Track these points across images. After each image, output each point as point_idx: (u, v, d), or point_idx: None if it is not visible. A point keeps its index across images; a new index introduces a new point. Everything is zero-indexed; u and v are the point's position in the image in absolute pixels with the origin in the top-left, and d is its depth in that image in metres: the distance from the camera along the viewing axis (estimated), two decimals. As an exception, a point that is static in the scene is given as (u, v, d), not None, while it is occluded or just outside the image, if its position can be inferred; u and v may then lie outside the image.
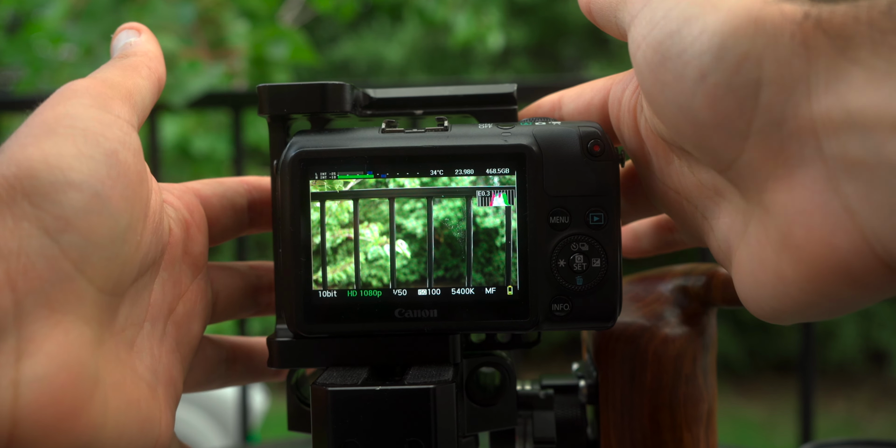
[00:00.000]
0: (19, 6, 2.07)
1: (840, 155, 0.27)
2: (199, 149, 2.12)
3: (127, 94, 0.35)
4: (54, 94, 0.34)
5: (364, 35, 4.56)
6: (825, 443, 0.53)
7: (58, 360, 0.30)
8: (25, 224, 0.30)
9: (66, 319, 0.30)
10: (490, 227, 0.37)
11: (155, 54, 0.39)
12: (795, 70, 0.28)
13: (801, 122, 0.28)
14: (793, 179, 0.29)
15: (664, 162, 0.37)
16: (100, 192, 0.31)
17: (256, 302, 0.44)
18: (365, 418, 0.35)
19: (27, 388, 0.29)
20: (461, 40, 2.60)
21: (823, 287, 0.29)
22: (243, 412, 1.44)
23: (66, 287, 0.30)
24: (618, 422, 0.42)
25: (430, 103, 0.42)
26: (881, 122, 0.26)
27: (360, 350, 0.38)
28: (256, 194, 0.43)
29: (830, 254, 0.28)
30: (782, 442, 3.14)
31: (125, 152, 0.33)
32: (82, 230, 0.31)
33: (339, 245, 0.37)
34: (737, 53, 0.29)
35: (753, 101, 0.29)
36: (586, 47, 4.56)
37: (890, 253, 0.27)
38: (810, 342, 1.30)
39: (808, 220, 0.29)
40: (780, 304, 0.31)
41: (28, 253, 0.30)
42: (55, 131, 0.32)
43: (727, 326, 3.58)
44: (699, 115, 0.31)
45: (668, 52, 0.31)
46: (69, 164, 0.31)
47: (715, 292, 0.43)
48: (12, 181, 0.30)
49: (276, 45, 1.95)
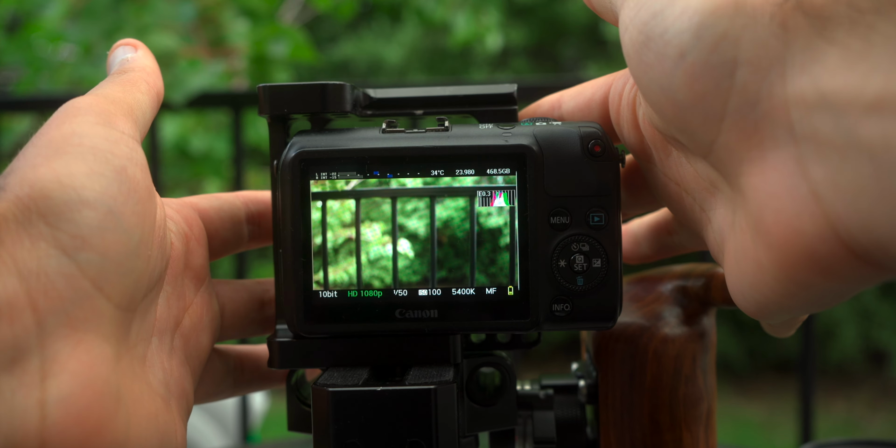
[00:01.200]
0: (19, 6, 2.07)
1: (811, 136, 0.27)
2: (197, 148, 2.12)
3: (128, 109, 0.36)
4: (57, 113, 0.34)
5: (363, 35, 4.56)
6: (825, 443, 0.53)
7: (82, 379, 0.30)
8: (42, 244, 0.30)
9: (87, 338, 0.30)
10: (493, 228, 0.37)
11: (152, 69, 0.39)
12: (772, 51, 0.28)
13: (775, 102, 0.28)
14: (765, 162, 0.29)
15: (663, 154, 0.37)
16: (113, 209, 0.32)
17: (263, 315, 0.44)
18: (366, 419, 0.35)
19: (53, 407, 0.29)
20: (460, 41, 2.60)
21: (794, 274, 0.29)
22: (243, 412, 1.44)
23: (86, 305, 0.31)
24: (617, 421, 0.42)
25: (431, 103, 0.42)
26: (854, 102, 0.26)
27: (361, 350, 0.38)
28: (254, 207, 0.43)
29: (797, 239, 0.28)
30: (782, 442, 3.14)
31: (133, 168, 0.33)
32: (98, 248, 0.31)
33: (340, 245, 0.37)
34: (715, 32, 0.29)
35: (729, 81, 0.29)
36: (585, 48, 4.56)
37: (855, 239, 0.27)
38: (810, 342, 1.30)
39: (776, 203, 0.29)
40: (761, 296, 0.31)
41: (47, 272, 0.30)
42: (64, 150, 0.32)
43: (727, 326, 3.58)
44: (678, 94, 0.31)
45: (651, 31, 0.31)
46: (81, 183, 0.31)
47: (714, 292, 0.43)
48: (26, 202, 0.30)
49: (276, 43, 1.95)
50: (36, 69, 1.99)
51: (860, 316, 3.63)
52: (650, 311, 0.43)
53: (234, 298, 0.43)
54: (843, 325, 3.61)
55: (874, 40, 0.26)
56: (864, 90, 0.26)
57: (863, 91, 0.26)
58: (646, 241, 0.46)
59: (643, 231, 0.46)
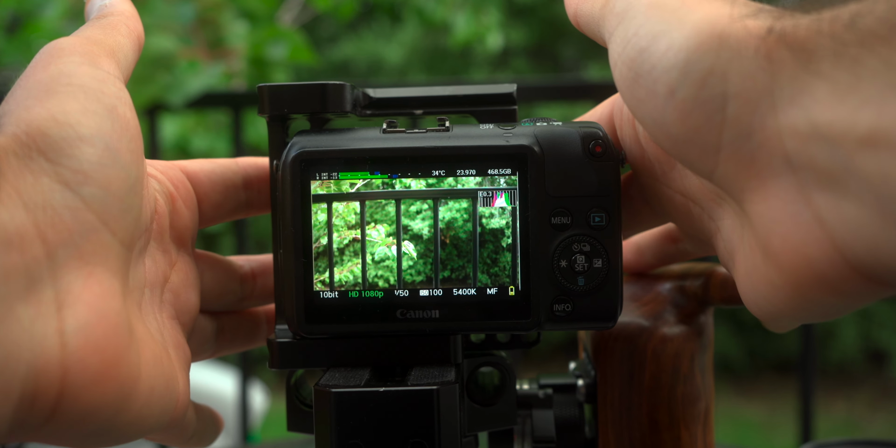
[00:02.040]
0: (19, 6, 2.07)
1: (809, 166, 0.27)
2: (198, 148, 2.12)
3: (110, 51, 0.36)
4: (41, 54, 0.34)
5: (363, 35, 4.56)
6: (825, 443, 0.53)
7: (97, 310, 0.30)
8: (45, 179, 0.30)
9: (97, 270, 0.31)
10: (496, 228, 0.37)
11: (131, 13, 0.39)
12: (760, 83, 0.28)
13: (769, 133, 0.28)
14: (766, 190, 0.29)
15: (667, 167, 0.37)
16: (109, 145, 0.32)
17: (242, 287, 0.44)
18: (368, 419, 0.35)
19: (72, 336, 0.29)
20: (460, 41, 2.60)
21: (805, 294, 0.29)
22: (243, 412, 1.44)
23: (94, 238, 0.31)
24: (616, 420, 0.42)
25: (430, 103, 0.42)
26: (847, 136, 0.26)
27: (361, 351, 0.38)
28: (253, 172, 0.43)
29: (805, 263, 0.28)
30: (782, 442, 3.14)
31: (123, 107, 0.34)
32: (100, 182, 0.31)
33: (345, 246, 0.37)
34: (702, 68, 0.29)
35: (721, 115, 0.29)
36: (585, 48, 4.56)
37: (863, 263, 0.27)
38: (810, 342, 1.30)
39: (782, 229, 0.29)
40: (775, 308, 0.31)
41: (53, 206, 0.30)
42: (55, 90, 0.32)
43: (727, 326, 3.58)
44: (672, 129, 0.31)
45: (639, 68, 0.31)
46: (77, 120, 0.31)
47: (713, 292, 0.43)
48: (24, 139, 0.31)
49: (275, 46, 1.95)
50: (36, 69, 1.99)
51: (860, 316, 3.63)
52: (649, 311, 0.43)
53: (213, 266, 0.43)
54: (843, 325, 3.61)
55: (861, 74, 0.26)
56: (855, 124, 0.26)
57: (855, 125, 0.26)
58: (649, 251, 0.46)
59: (646, 240, 0.46)
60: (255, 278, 0.44)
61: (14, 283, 0.28)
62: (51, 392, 0.29)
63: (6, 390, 0.28)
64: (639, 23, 0.31)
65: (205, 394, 2.13)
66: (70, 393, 0.29)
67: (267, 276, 0.44)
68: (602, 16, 0.34)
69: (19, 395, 0.28)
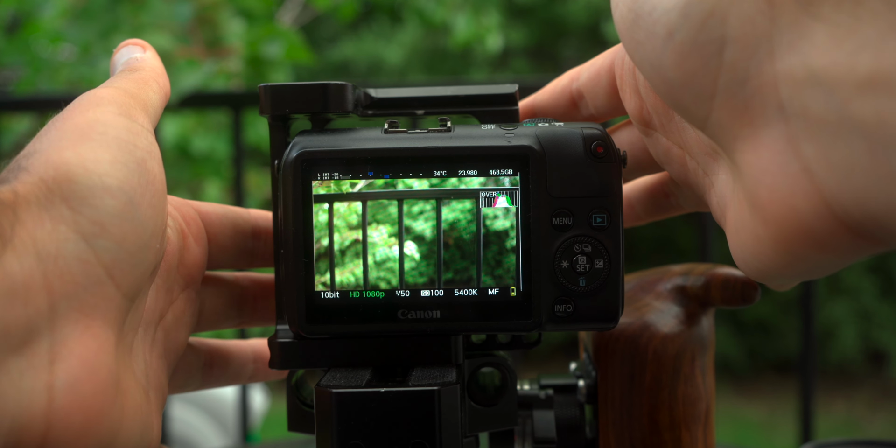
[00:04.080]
0: (19, 6, 2.07)
1: (801, 114, 0.27)
2: (198, 149, 2.12)
3: (144, 105, 0.36)
4: (79, 101, 0.34)
5: (363, 36, 4.56)
6: (825, 443, 0.53)
7: (89, 366, 0.30)
8: (63, 227, 0.30)
9: (94, 324, 0.31)
10: (500, 230, 0.37)
11: (161, 71, 0.39)
12: (759, 28, 0.28)
13: (765, 80, 0.28)
14: (757, 139, 0.29)
15: (665, 118, 0.37)
16: (132, 199, 0.32)
17: (240, 313, 0.44)
18: (370, 420, 0.35)
19: (60, 392, 0.29)
20: (460, 41, 2.60)
21: (791, 248, 0.29)
22: (243, 412, 1.44)
23: (98, 291, 0.31)
24: (617, 421, 0.42)
25: (432, 103, 0.42)
26: (845, 79, 0.26)
27: (362, 351, 0.38)
28: (262, 224, 0.43)
29: (792, 216, 0.28)
30: (782, 442, 3.14)
31: (152, 162, 0.34)
32: (115, 236, 0.31)
33: (346, 247, 0.37)
34: (702, 10, 0.29)
35: (718, 59, 0.29)
36: (585, 48, 4.56)
37: (850, 215, 0.27)
38: (810, 342, 1.30)
39: (770, 180, 0.29)
40: (762, 264, 0.31)
41: (65, 256, 0.30)
42: (89, 137, 0.32)
43: (727, 327, 3.58)
44: (668, 73, 0.31)
45: (640, 9, 0.31)
46: (105, 170, 0.31)
47: (713, 292, 0.43)
48: (50, 184, 0.31)
49: (272, 44, 1.95)
50: (35, 69, 1.99)
51: (860, 316, 3.63)
52: (650, 312, 0.43)
53: (214, 294, 0.43)
54: (843, 325, 3.62)
55: (861, 16, 0.26)
56: (854, 67, 0.26)
57: (853, 68, 0.26)
58: (639, 204, 0.45)
59: (637, 193, 0.45)
60: (256, 302, 0.44)
61: (12, 338, 0.28)
62: (32, 446, 0.29)
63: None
64: None
65: (205, 394, 2.13)
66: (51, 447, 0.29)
67: (266, 301, 0.44)
68: None
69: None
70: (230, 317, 0.44)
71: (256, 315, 0.44)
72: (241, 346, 0.45)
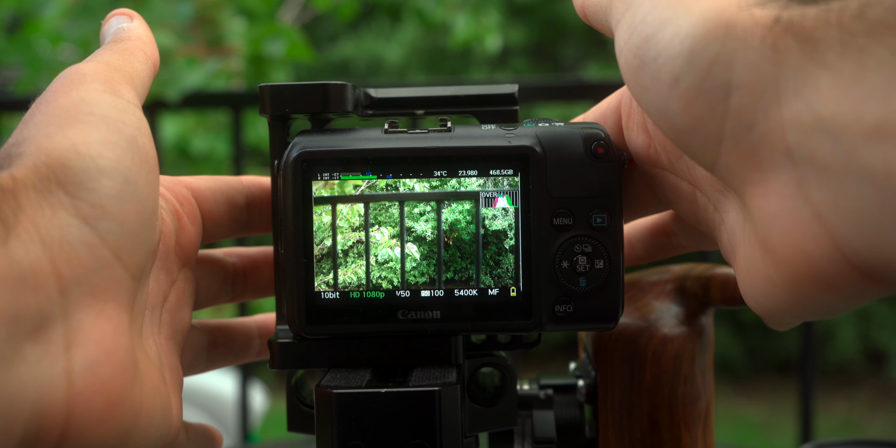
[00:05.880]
0: (19, 6, 2.07)
1: (810, 160, 0.27)
2: (198, 149, 2.12)
3: (129, 78, 0.35)
4: (61, 78, 0.34)
5: (363, 35, 4.56)
6: (825, 443, 0.53)
7: (105, 349, 0.30)
8: (63, 213, 0.30)
9: (108, 307, 0.31)
10: (499, 230, 0.37)
11: (149, 39, 0.39)
12: (765, 74, 0.28)
13: (772, 125, 0.28)
14: (766, 184, 0.29)
15: (674, 156, 0.37)
16: (128, 178, 0.32)
17: (234, 288, 0.44)
18: (370, 420, 0.35)
19: (79, 377, 0.29)
20: (460, 41, 2.60)
21: (803, 291, 0.29)
22: (243, 412, 1.45)
23: (107, 274, 0.31)
24: (616, 421, 0.42)
25: (432, 103, 0.42)
26: (852, 128, 0.26)
27: (363, 351, 0.38)
28: (256, 191, 0.43)
29: (804, 260, 0.28)
30: (782, 442, 3.14)
31: (143, 138, 0.33)
32: (117, 217, 0.31)
33: (348, 248, 0.37)
34: (707, 57, 0.29)
35: (724, 105, 0.29)
36: (585, 48, 4.56)
37: (862, 260, 0.27)
38: (810, 342, 1.30)
39: (781, 225, 0.29)
40: (773, 305, 0.31)
41: (70, 241, 0.30)
42: (77, 118, 0.32)
43: (727, 327, 3.58)
44: (675, 119, 0.31)
45: (645, 56, 0.31)
46: (98, 152, 0.31)
47: (713, 292, 0.43)
48: (44, 171, 0.30)
49: (273, 43, 1.95)
50: (36, 69, 1.99)
51: (859, 316, 3.63)
52: (649, 312, 0.43)
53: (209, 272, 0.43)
54: (843, 325, 3.61)
55: (867, 64, 0.26)
56: (861, 115, 0.26)
57: (860, 116, 0.26)
58: (640, 243, 0.45)
59: (637, 233, 0.46)
60: (246, 277, 0.44)
61: (25, 324, 0.28)
62: (54, 433, 0.29)
63: (9, 431, 0.28)
64: (646, 10, 0.31)
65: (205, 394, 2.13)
66: (74, 433, 0.29)
67: (258, 274, 0.44)
68: (609, 4, 0.34)
69: (22, 436, 0.28)
70: (225, 292, 0.44)
71: (249, 289, 0.44)
72: (245, 322, 0.45)
